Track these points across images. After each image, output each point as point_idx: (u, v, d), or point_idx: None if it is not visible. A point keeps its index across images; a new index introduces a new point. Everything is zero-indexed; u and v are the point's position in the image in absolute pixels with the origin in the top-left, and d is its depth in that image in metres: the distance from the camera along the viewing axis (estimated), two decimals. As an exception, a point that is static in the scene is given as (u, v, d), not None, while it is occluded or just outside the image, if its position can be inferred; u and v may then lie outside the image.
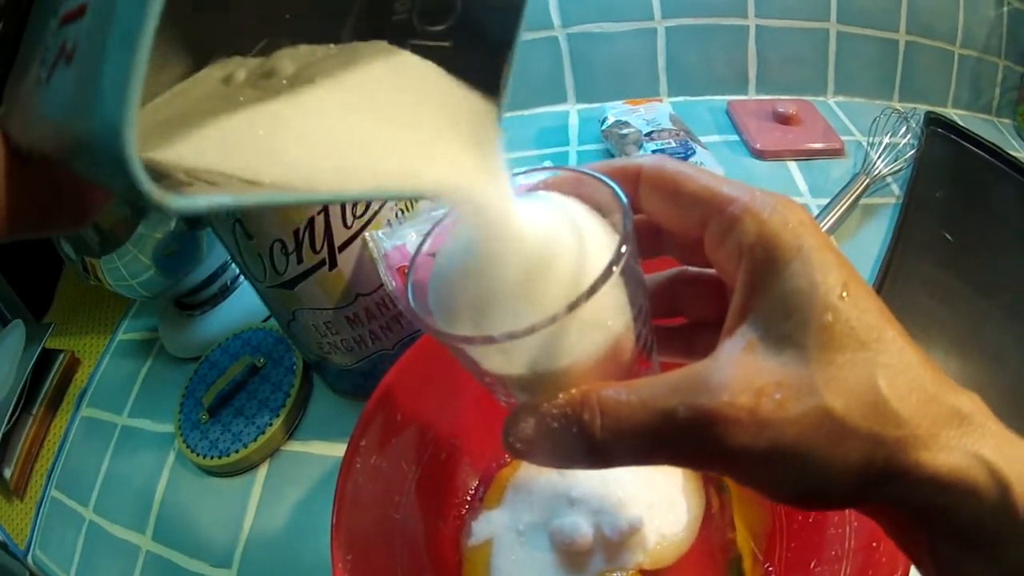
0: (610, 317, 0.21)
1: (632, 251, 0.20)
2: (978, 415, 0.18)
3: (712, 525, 0.39)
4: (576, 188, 0.23)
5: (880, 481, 0.17)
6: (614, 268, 0.19)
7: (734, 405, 0.18)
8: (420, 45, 0.21)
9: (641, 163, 0.23)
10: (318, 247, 0.42)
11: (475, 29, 0.21)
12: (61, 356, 0.68)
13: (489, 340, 0.19)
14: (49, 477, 0.59)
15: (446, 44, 0.21)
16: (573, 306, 0.19)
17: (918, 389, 0.18)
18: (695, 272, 0.26)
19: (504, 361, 0.21)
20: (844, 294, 0.18)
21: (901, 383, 0.17)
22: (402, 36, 0.21)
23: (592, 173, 0.23)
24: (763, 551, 0.37)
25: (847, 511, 0.33)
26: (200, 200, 0.14)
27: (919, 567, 0.19)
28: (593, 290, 0.19)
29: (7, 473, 0.59)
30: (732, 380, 0.18)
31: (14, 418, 0.61)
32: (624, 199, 0.22)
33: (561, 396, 0.20)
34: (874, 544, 0.31)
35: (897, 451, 0.17)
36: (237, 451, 0.51)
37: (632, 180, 0.23)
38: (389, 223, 0.45)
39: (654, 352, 0.25)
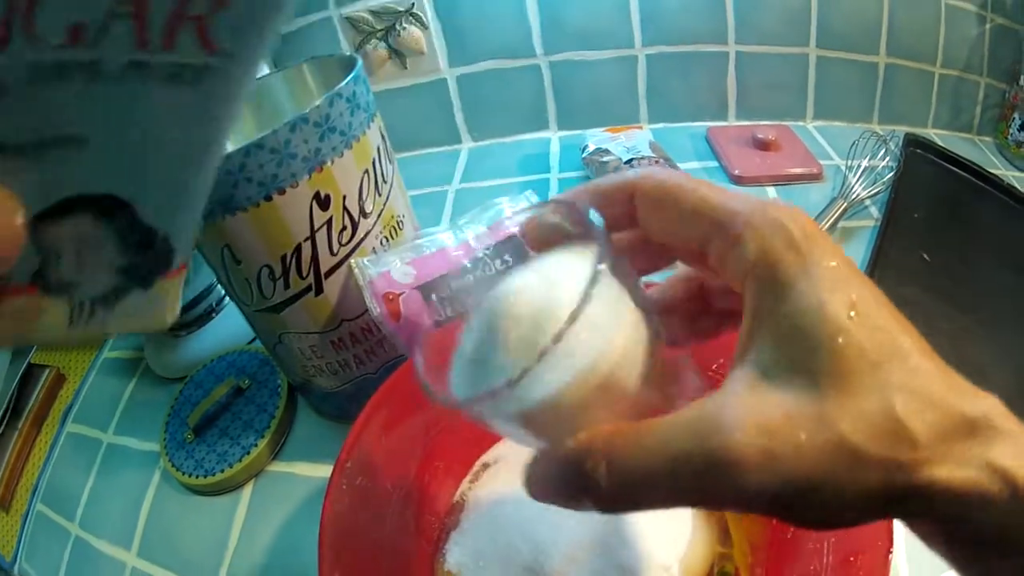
0: (599, 343, 0.19)
1: (613, 268, 0.19)
2: (990, 419, 0.17)
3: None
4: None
5: (899, 500, 0.17)
6: (591, 291, 0.18)
7: (747, 444, 0.17)
8: None
9: (635, 178, 0.22)
10: (305, 273, 0.42)
11: None
12: (46, 372, 0.68)
13: (490, 396, 0.18)
14: (34, 491, 0.59)
15: None
16: (557, 338, 0.17)
17: (931, 406, 0.17)
18: None
19: (506, 411, 0.20)
20: (853, 313, 0.18)
21: (914, 402, 0.17)
22: None
23: (568, 201, 0.22)
24: (760, 564, 0.37)
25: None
26: None
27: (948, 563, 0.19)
28: (573, 318, 0.18)
29: (-8, 486, 0.59)
30: (743, 417, 0.17)
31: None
32: (596, 221, 0.20)
33: (568, 442, 0.19)
34: (851, 559, 0.31)
35: (914, 471, 0.17)
36: (222, 471, 0.51)
37: (627, 197, 0.22)
38: (374, 250, 0.45)
39: (687, 369, 0.23)
